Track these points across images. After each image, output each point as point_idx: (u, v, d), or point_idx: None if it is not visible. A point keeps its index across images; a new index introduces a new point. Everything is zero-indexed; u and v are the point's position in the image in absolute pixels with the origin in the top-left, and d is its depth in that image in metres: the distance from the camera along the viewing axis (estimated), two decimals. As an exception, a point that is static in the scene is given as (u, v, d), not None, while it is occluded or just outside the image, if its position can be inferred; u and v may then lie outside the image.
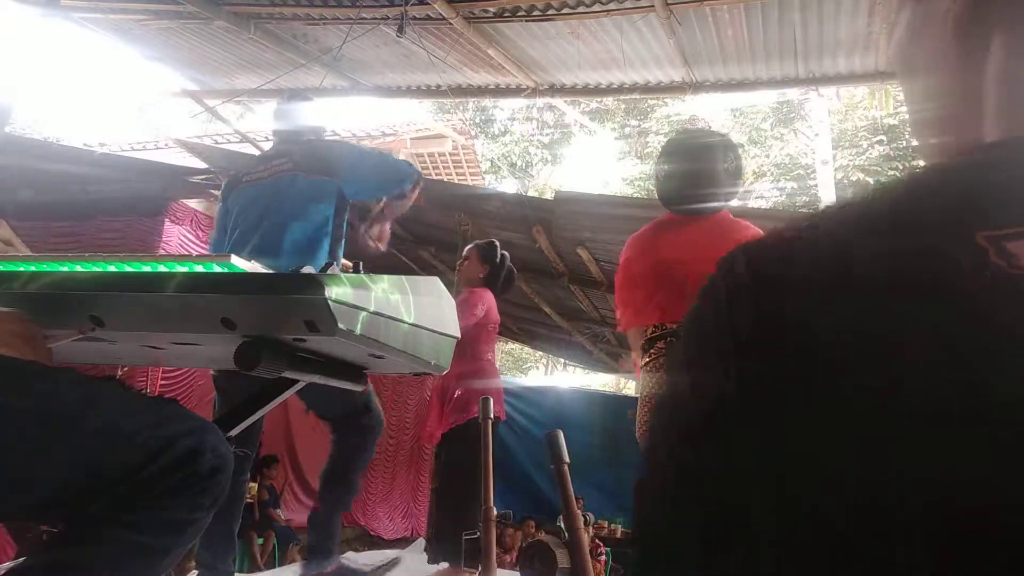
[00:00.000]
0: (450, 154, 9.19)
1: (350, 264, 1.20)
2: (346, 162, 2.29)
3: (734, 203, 2.25)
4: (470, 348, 3.05)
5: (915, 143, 0.43)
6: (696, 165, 2.13)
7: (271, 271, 0.93)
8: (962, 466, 0.25)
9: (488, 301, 3.16)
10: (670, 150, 2.26)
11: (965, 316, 0.27)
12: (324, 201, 2.23)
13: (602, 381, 14.22)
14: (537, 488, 7.78)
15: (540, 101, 5.69)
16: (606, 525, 7.62)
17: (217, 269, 0.88)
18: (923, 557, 0.25)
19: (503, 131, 16.96)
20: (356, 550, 5.22)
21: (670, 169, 2.18)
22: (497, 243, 3.38)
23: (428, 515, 3.24)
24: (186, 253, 4.21)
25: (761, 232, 2.01)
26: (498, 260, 3.27)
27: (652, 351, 2.13)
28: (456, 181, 8.86)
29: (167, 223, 4.79)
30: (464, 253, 3.34)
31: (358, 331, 0.84)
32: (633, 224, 2.31)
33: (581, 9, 3.42)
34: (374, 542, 6.48)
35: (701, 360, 0.34)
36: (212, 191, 5.17)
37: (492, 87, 4.45)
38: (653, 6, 3.22)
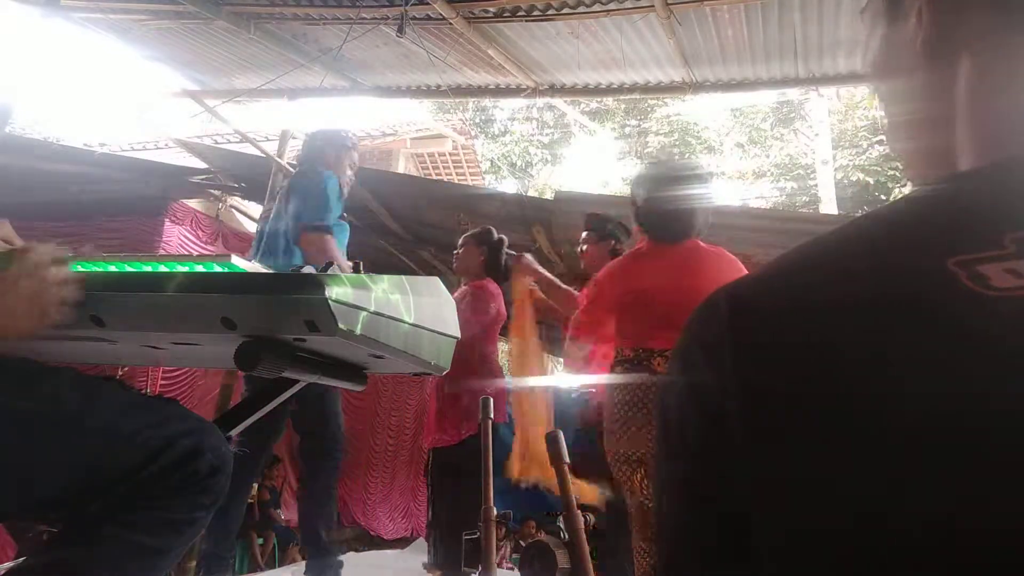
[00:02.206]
0: (450, 154, 9.19)
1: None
2: None
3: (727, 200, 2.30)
4: (479, 348, 2.96)
5: (893, 150, 0.44)
6: (667, 194, 2.19)
7: (271, 271, 0.93)
8: (945, 481, 0.26)
9: (496, 297, 3.04)
10: (643, 179, 2.31)
11: (938, 340, 0.27)
12: None
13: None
14: (537, 488, 7.78)
15: (540, 101, 5.70)
16: (606, 525, 7.60)
17: (217, 269, 0.88)
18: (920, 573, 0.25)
19: (503, 131, 16.96)
20: (356, 550, 5.21)
21: (643, 197, 2.24)
22: (493, 229, 3.27)
23: (434, 521, 3.18)
24: (186, 253, 4.21)
25: (731, 256, 2.07)
26: (495, 243, 3.16)
27: (611, 375, 2.21)
28: (456, 181, 8.86)
29: (167, 223, 4.79)
30: (459, 243, 3.22)
31: (358, 331, 0.84)
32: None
33: (581, 9, 3.42)
34: (374, 542, 6.48)
35: (690, 388, 0.35)
36: (212, 191, 5.17)
37: (492, 87, 4.45)
38: (653, 6, 3.22)
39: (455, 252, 3.22)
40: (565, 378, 3.08)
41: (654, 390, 2.03)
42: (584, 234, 3.21)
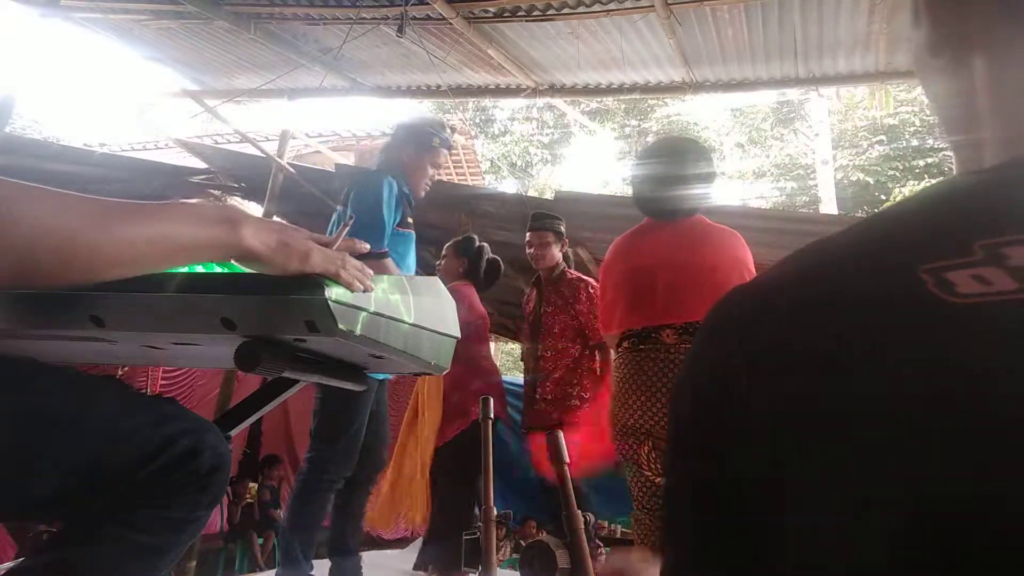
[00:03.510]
0: (450, 154, 9.18)
1: None
2: None
3: (716, 202, 2.29)
4: (461, 348, 3.01)
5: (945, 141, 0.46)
6: (668, 171, 2.18)
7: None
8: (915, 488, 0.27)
9: (468, 297, 3.10)
10: (643, 156, 2.31)
11: (900, 346, 0.28)
12: None
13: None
14: (537, 488, 7.77)
15: (540, 101, 5.69)
16: (606, 525, 7.62)
17: (217, 269, 0.88)
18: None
19: (503, 131, 16.96)
20: (356, 550, 5.20)
21: (642, 174, 2.23)
22: (474, 236, 3.32)
23: (432, 520, 3.19)
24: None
25: (735, 234, 2.06)
26: (475, 252, 3.22)
27: (619, 349, 2.19)
28: (456, 181, 8.86)
29: (167, 223, 4.78)
30: (443, 253, 3.30)
31: (358, 331, 0.84)
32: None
33: (581, 9, 3.42)
34: (374, 542, 6.48)
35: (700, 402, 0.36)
36: (212, 191, 5.17)
37: (492, 87, 4.45)
38: (653, 6, 3.22)
39: (438, 262, 3.28)
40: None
41: (661, 361, 2.03)
42: (533, 235, 3.20)
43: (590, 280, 3.09)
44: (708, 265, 2.06)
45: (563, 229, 3.22)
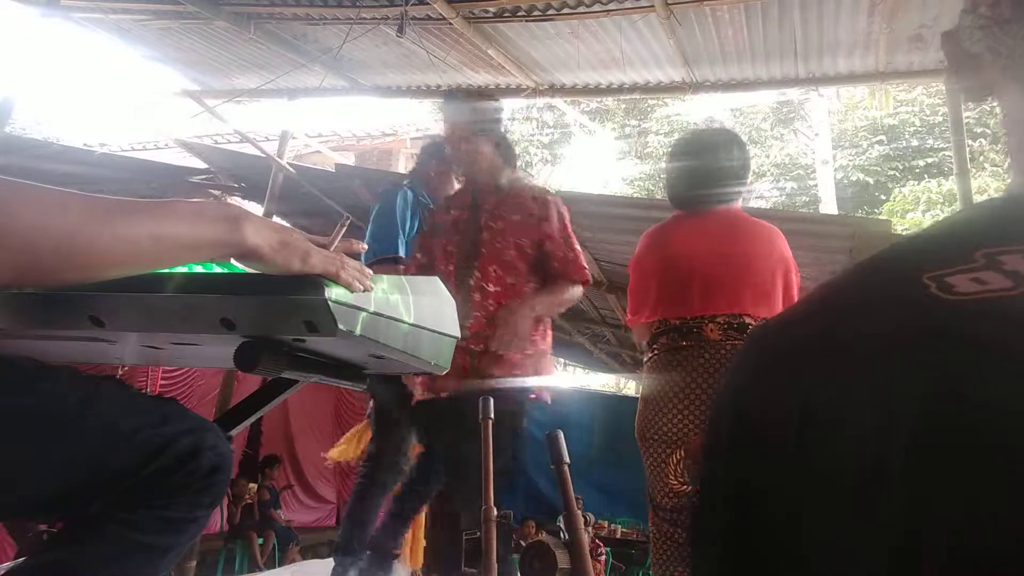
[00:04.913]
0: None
1: None
2: None
3: (743, 198, 2.23)
4: None
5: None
6: (701, 161, 2.13)
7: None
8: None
9: None
10: (676, 149, 2.26)
11: (907, 340, 0.31)
12: None
13: (602, 381, 14.23)
14: (537, 488, 7.79)
15: (540, 101, 5.69)
16: (606, 525, 7.64)
17: (217, 269, 0.88)
18: None
19: (503, 131, 16.92)
20: (356, 550, 5.20)
21: (677, 167, 2.18)
22: None
23: (435, 520, 3.17)
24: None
25: (774, 228, 2.04)
26: None
27: (655, 347, 2.10)
28: (456, 181, 8.86)
29: (167, 223, 4.78)
30: None
31: (358, 331, 0.84)
32: (633, 224, 2.33)
33: (581, 9, 3.42)
34: (374, 542, 6.48)
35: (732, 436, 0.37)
36: (212, 191, 5.17)
37: (492, 87, 4.45)
38: (653, 6, 3.22)
39: None
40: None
41: (705, 362, 1.94)
42: (449, 121, 2.48)
43: (557, 197, 2.32)
44: (747, 253, 2.01)
45: (502, 115, 2.39)
